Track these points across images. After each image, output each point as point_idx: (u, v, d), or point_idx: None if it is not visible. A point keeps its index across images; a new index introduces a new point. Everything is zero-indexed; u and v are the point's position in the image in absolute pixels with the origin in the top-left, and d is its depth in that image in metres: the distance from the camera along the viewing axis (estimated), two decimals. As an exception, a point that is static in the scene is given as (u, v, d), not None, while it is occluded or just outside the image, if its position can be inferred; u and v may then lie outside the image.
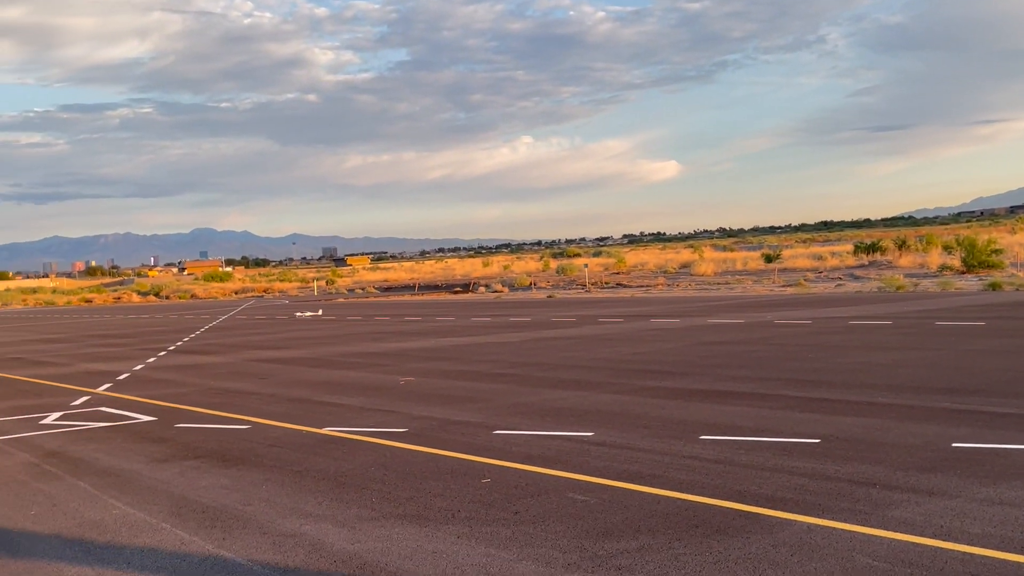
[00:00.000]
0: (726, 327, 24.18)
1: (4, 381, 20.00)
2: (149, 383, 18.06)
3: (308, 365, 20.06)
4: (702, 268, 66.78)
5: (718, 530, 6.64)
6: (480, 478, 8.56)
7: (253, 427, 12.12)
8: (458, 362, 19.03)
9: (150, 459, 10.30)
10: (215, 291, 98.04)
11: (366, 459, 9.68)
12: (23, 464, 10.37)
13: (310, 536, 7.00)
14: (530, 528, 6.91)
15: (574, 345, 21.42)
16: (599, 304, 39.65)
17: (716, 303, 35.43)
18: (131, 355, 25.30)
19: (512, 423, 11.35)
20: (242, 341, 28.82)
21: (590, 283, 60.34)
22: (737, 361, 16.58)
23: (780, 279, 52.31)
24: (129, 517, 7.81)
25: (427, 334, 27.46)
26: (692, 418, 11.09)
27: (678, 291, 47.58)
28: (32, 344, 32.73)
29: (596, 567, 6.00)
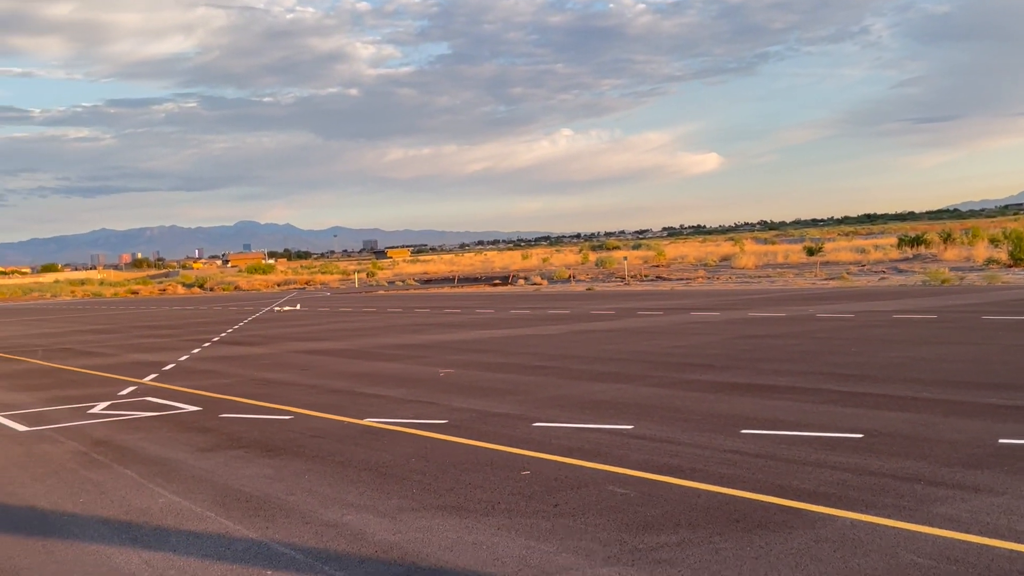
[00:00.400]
0: (767, 320, 23.99)
1: (54, 371, 20.40)
2: (194, 374, 18.32)
3: (349, 356, 20.22)
4: (743, 261, 66.23)
5: (759, 525, 6.60)
6: (520, 470, 8.58)
7: (295, 417, 12.25)
8: (497, 354, 19.07)
9: (195, 448, 10.45)
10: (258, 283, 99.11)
11: (406, 450, 9.74)
12: (72, 452, 10.58)
13: (352, 526, 7.07)
14: (570, 521, 6.92)
15: (613, 338, 21.37)
16: (638, 297, 39.50)
17: (757, 296, 35.14)
18: (176, 346, 25.67)
19: (551, 416, 11.36)
20: (284, 332, 29.11)
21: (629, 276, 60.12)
22: (779, 355, 16.44)
23: (822, 272, 51.74)
24: (175, 505, 7.94)
25: (466, 326, 27.55)
26: (733, 412, 11.02)
27: (718, 284, 47.25)
28: (80, 335, 33.33)
29: (636, 560, 6.00)
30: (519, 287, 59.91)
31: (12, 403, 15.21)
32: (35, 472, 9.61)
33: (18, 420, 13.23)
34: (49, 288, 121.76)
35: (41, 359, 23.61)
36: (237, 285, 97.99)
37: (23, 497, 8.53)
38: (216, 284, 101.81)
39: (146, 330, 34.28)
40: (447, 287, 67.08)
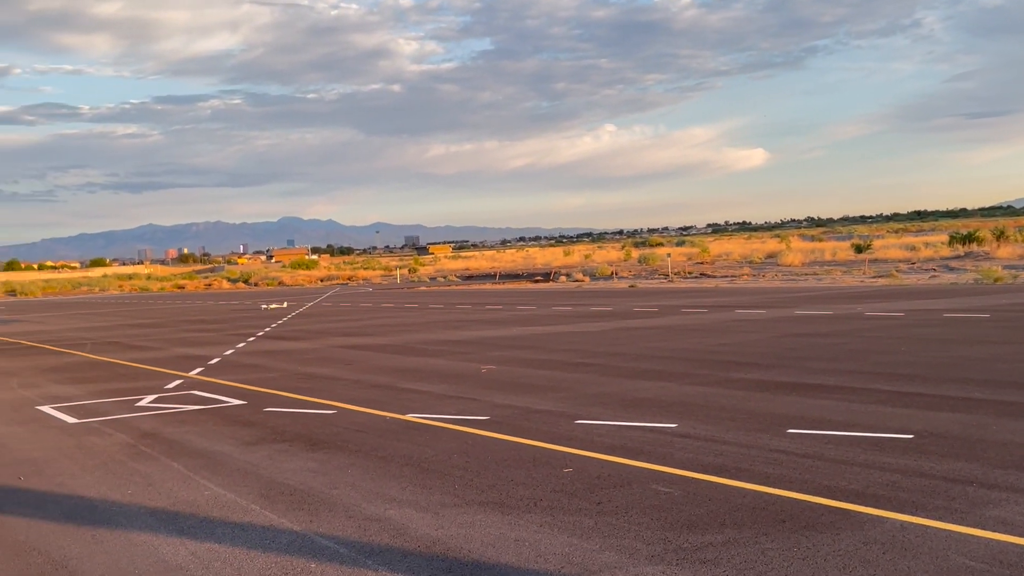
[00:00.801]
0: (814, 319, 23.68)
1: (103, 364, 20.74)
2: (239, 368, 18.51)
3: (391, 352, 20.31)
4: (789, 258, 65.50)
5: (806, 526, 6.50)
6: (562, 467, 8.54)
7: (339, 412, 12.32)
8: (539, 351, 19.04)
9: (240, 442, 10.55)
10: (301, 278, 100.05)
11: (448, 446, 9.75)
12: (120, 444, 10.74)
13: (394, 520, 7.08)
14: (613, 519, 6.87)
15: (656, 335, 21.24)
16: (682, 294, 39.23)
17: (804, 294, 34.72)
18: (222, 340, 25.97)
19: (594, 413, 11.30)
20: (327, 328, 29.33)
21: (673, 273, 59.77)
22: (826, 353, 16.22)
23: (871, 270, 51.02)
24: (220, 498, 8.02)
25: (508, 323, 27.55)
26: (779, 411, 10.88)
27: (764, 281, 46.78)
28: (128, 329, 33.86)
29: (681, 560, 5.93)
30: (561, 284, 59.81)
31: (62, 395, 15.48)
32: (84, 463, 9.76)
33: (68, 412, 13.46)
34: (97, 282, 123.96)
35: (90, 352, 24.02)
36: (281, 280, 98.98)
37: (73, 488, 8.67)
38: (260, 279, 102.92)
39: (192, 324, 34.73)
40: (488, 283, 67.18)
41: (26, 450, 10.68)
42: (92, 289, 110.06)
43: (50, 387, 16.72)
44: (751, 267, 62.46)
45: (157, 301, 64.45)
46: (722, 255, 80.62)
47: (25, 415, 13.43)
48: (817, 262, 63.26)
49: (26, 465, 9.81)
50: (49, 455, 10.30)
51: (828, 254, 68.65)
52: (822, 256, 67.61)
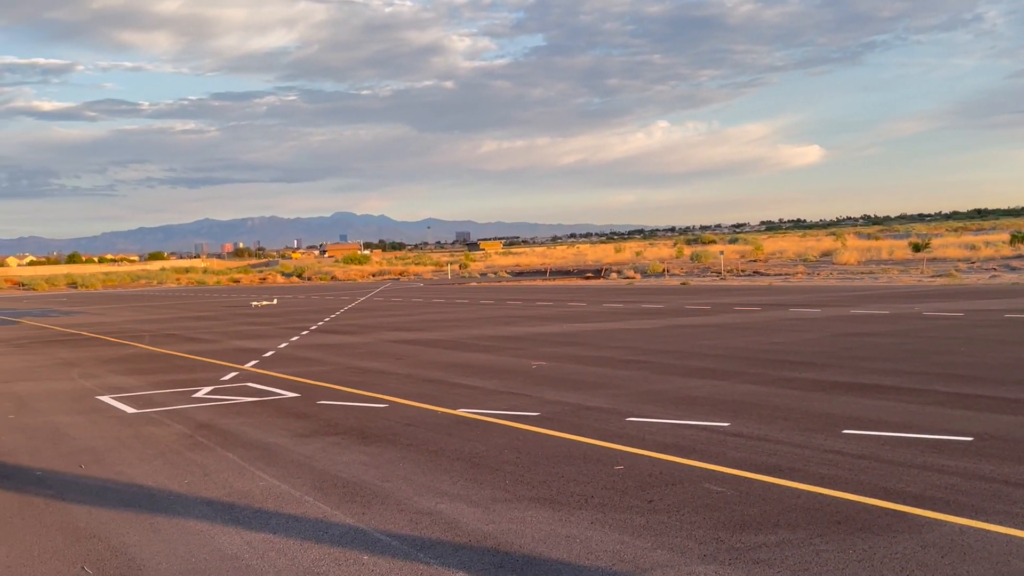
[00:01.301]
0: (870, 318, 23.30)
1: (161, 356, 21.13)
2: (292, 361, 18.74)
3: (442, 347, 20.41)
4: (844, 257, 64.54)
5: (862, 528, 6.40)
6: (613, 465, 8.51)
7: (390, 406, 12.41)
8: (590, 348, 18.99)
9: (294, 434, 10.68)
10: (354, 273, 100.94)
11: (499, 441, 9.77)
12: (178, 435, 10.93)
13: (446, 514, 7.11)
14: (664, 517, 6.83)
15: (709, 333, 21.06)
16: (735, 292, 38.86)
17: (859, 293, 34.19)
18: (276, 334, 26.31)
19: (645, 411, 11.24)
20: (379, 322, 29.56)
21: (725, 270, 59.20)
22: (882, 353, 15.95)
23: (929, 269, 50.04)
24: (275, 489, 8.13)
25: (559, 319, 27.52)
26: (834, 411, 10.73)
27: (819, 280, 46.15)
28: (185, 321, 34.45)
29: (734, 560, 5.88)
30: (611, 280, 59.59)
31: (122, 386, 15.80)
32: (143, 453, 9.96)
33: (127, 403, 13.74)
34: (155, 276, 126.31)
35: (148, 344, 24.49)
36: (334, 275, 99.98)
37: (132, 476, 8.85)
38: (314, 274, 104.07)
39: (247, 318, 35.23)
40: (539, 280, 67.16)
41: (86, 439, 10.92)
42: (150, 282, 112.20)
43: (110, 378, 17.08)
44: (805, 265, 61.63)
45: (213, 294, 65.49)
46: (776, 253, 79.65)
47: (86, 405, 13.74)
48: (873, 261, 62.22)
49: (86, 454, 10.04)
50: (109, 444, 10.52)
51: (885, 253, 67.47)
52: (878, 255, 66.47)
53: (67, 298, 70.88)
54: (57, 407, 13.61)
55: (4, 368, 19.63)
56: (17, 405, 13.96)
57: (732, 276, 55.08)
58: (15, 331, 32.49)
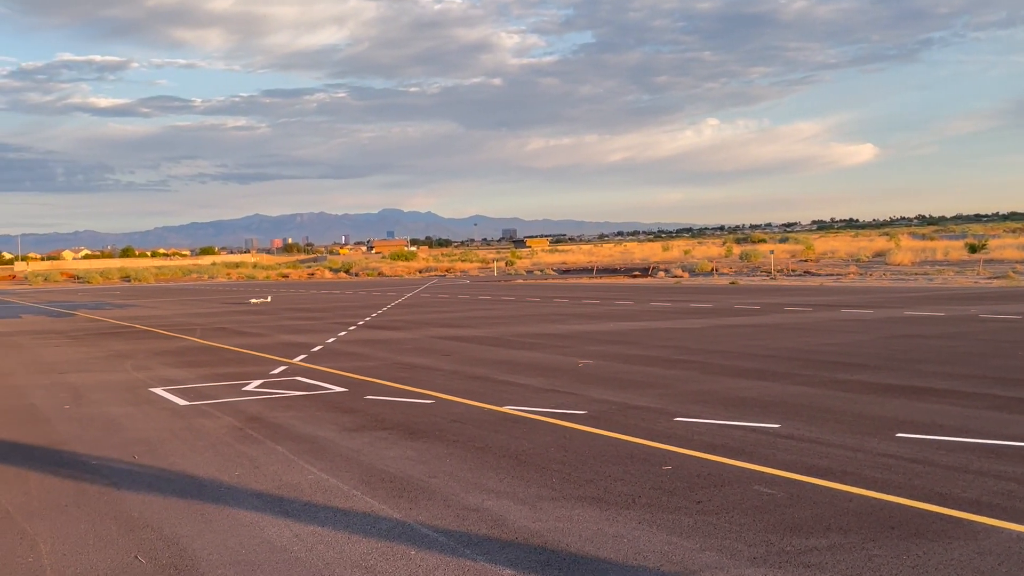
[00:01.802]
0: (925, 320, 22.89)
1: (211, 349, 21.43)
2: (340, 356, 18.89)
3: (488, 344, 20.43)
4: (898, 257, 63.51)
5: (916, 533, 6.28)
6: (661, 465, 8.45)
7: (437, 402, 12.45)
8: (637, 346, 18.88)
9: (341, 428, 10.76)
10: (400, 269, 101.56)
11: (546, 439, 9.75)
12: (228, 427, 11.07)
13: (492, 511, 7.11)
14: (713, 518, 6.76)
15: (758, 333, 20.83)
16: (785, 292, 38.41)
17: (913, 294, 33.60)
18: (324, 328, 26.55)
19: (693, 411, 11.15)
20: (425, 318, 29.69)
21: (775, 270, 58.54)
22: (937, 356, 15.65)
23: (986, 271, 49.02)
24: (323, 482, 8.19)
25: (605, 317, 27.41)
26: (887, 414, 10.54)
27: (871, 281, 45.45)
28: (235, 315, 34.91)
29: (784, 563, 5.80)
30: (659, 279, 59.25)
31: (173, 378, 16.05)
32: (194, 444, 10.10)
33: (179, 395, 13.95)
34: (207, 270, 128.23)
35: (199, 337, 24.85)
36: (381, 271, 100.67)
37: (183, 467, 8.97)
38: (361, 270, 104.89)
39: (296, 312, 35.60)
40: (585, 277, 66.98)
41: (139, 430, 11.10)
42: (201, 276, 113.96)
43: (162, 370, 17.35)
44: (858, 266, 60.74)
45: (262, 289, 66.27)
46: (827, 253, 78.62)
47: (139, 396, 13.97)
48: (928, 262, 61.15)
49: (140, 444, 10.20)
50: (161, 435, 10.69)
51: (940, 253, 66.29)
52: (933, 255, 65.32)
53: (120, 291, 72.23)
54: (111, 398, 13.87)
55: (61, 359, 20.05)
56: (73, 396, 14.25)
57: (782, 276, 54.46)
58: (71, 323, 33.18)
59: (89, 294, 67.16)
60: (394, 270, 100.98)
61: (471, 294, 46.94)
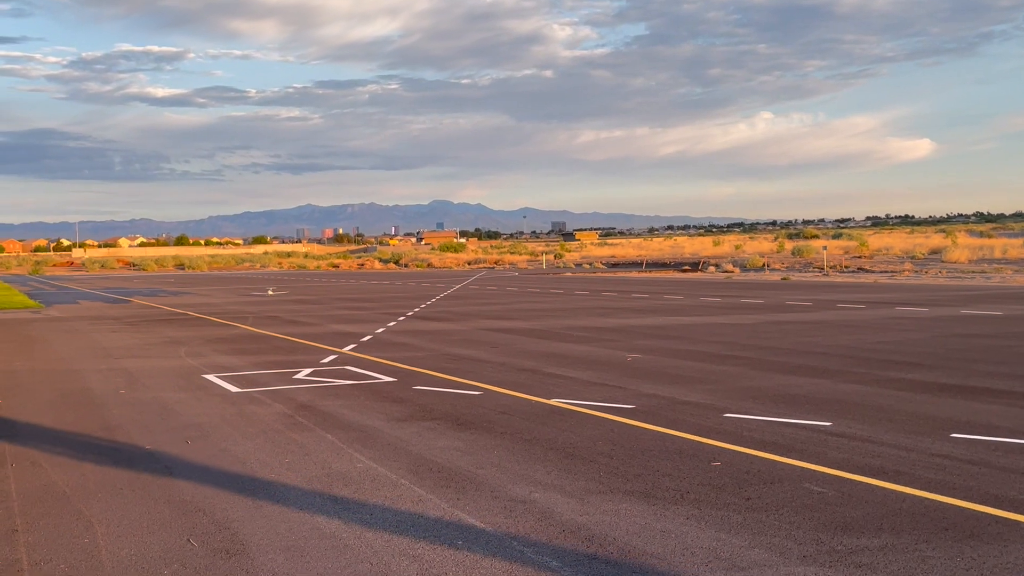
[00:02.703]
0: (982, 319, 22.41)
1: (263, 338, 21.71)
2: (389, 346, 19.02)
3: (536, 337, 20.43)
4: (955, 255, 62.22)
5: (971, 535, 6.16)
6: (710, 461, 8.38)
7: (484, 394, 12.48)
8: (686, 341, 18.75)
9: (390, 418, 10.84)
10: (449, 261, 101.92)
11: (593, 433, 9.72)
12: (279, 415, 11.21)
13: (540, 504, 7.11)
14: (762, 516, 6.69)
15: (810, 330, 20.57)
16: (838, 288, 37.86)
17: (970, 292, 32.92)
18: (373, 319, 26.75)
19: (743, 407, 11.04)
20: (474, 310, 29.77)
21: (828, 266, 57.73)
22: (995, 356, 15.32)
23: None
24: (371, 471, 8.26)
25: (654, 311, 27.26)
26: (942, 414, 10.35)
27: (927, 278, 44.62)
28: (286, 304, 35.32)
29: (834, 562, 5.72)
30: (709, 274, 58.75)
31: (226, 365, 16.29)
32: (246, 431, 10.24)
33: (231, 382, 14.15)
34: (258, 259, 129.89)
35: (251, 325, 25.18)
36: (430, 262, 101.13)
37: (235, 453, 9.11)
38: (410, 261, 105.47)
39: (346, 302, 35.91)
40: (635, 271, 66.66)
41: (192, 415, 11.29)
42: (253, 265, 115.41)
43: (214, 357, 17.62)
44: (913, 263, 59.64)
45: (313, 279, 66.97)
46: (882, 249, 77.32)
47: (192, 383, 14.20)
48: (986, 259, 59.85)
49: (192, 430, 10.38)
50: (213, 421, 10.86)
51: (998, 251, 64.81)
52: (991, 253, 63.91)
53: (175, 279, 73.45)
54: (165, 384, 14.12)
55: (116, 345, 20.46)
56: (128, 381, 14.53)
57: (835, 272, 53.68)
58: (127, 310, 33.83)
59: (144, 281, 68.43)
60: (443, 261, 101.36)
61: (519, 286, 46.97)
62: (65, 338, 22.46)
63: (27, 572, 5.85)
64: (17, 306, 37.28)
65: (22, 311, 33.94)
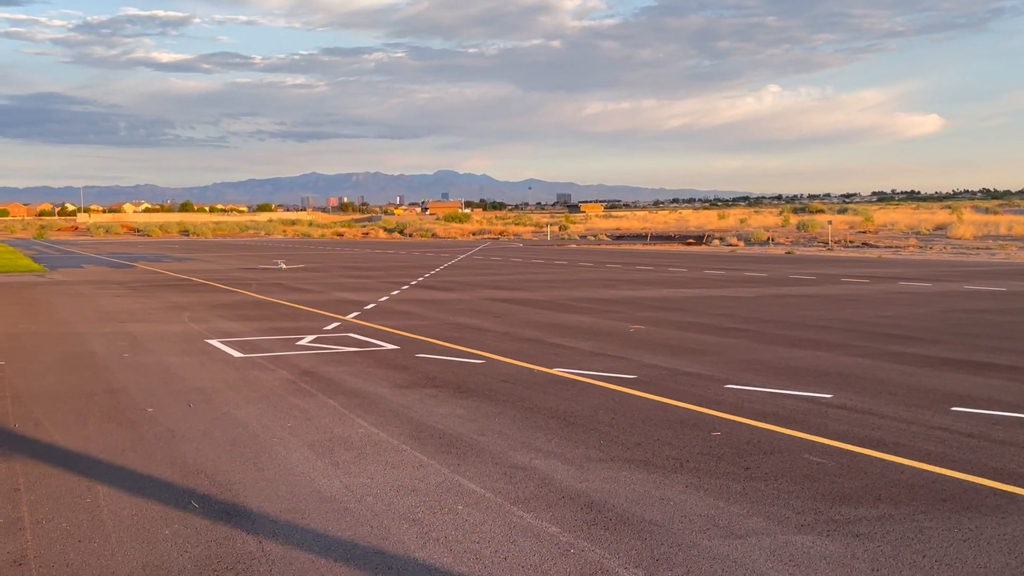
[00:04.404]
0: (985, 295, 22.38)
1: (267, 304, 21.75)
2: (393, 314, 19.05)
3: (540, 307, 20.44)
4: (960, 231, 62.04)
5: (969, 507, 6.18)
6: (710, 431, 8.41)
7: (487, 362, 12.50)
8: (689, 313, 18.75)
9: (392, 384, 10.87)
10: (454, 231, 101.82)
11: (594, 402, 9.75)
12: (282, 380, 11.25)
13: (540, 471, 7.15)
14: (761, 485, 6.72)
15: (813, 303, 20.56)
16: (842, 263, 37.80)
17: (975, 269, 32.84)
18: (377, 287, 26.77)
19: (745, 379, 11.06)
20: (478, 280, 29.78)
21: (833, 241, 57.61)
22: (997, 331, 15.31)
23: (1050, 247, 47.71)
24: (373, 436, 8.29)
25: (658, 284, 27.25)
26: (943, 388, 10.36)
27: (931, 254, 44.51)
28: (291, 272, 35.33)
29: (832, 531, 5.75)
30: (713, 247, 58.65)
31: (229, 331, 16.32)
32: (248, 395, 10.28)
33: (234, 347, 14.19)
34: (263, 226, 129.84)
35: (255, 292, 25.21)
36: (434, 232, 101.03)
37: (237, 417, 9.15)
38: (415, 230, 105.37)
39: (350, 271, 35.91)
40: (639, 244, 66.57)
41: (195, 380, 11.33)
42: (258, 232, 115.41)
43: (218, 323, 17.65)
44: (918, 238, 59.50)
45: (317, 247, 66.97)
46: (887, 225, 77.09)
47: (195, 347, 14.24)
48: (991, 236, 59.68)
49: (195, 394, 10.42)
50: (216, 386, 10.89)
51: (1004, 228, 64.59)
52: (996, 230, 63.69)
53: (179, 245, 73.49)
54: (168, 348, 14.15)
55: (120, 309, 20.50)
56: (131, 344, 14.57)
57: (840, 247, 53.57)
58: (131, 274, 33.88)
59: (148, 247, 68.46)
60: (447, 232, 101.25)
61: (524, 258, 46.94)
62: (69, 302, 22.51)
63: (29, 530, 5.90)
64: (21, 270, 37.35)
65: (26, 275, 34.00)
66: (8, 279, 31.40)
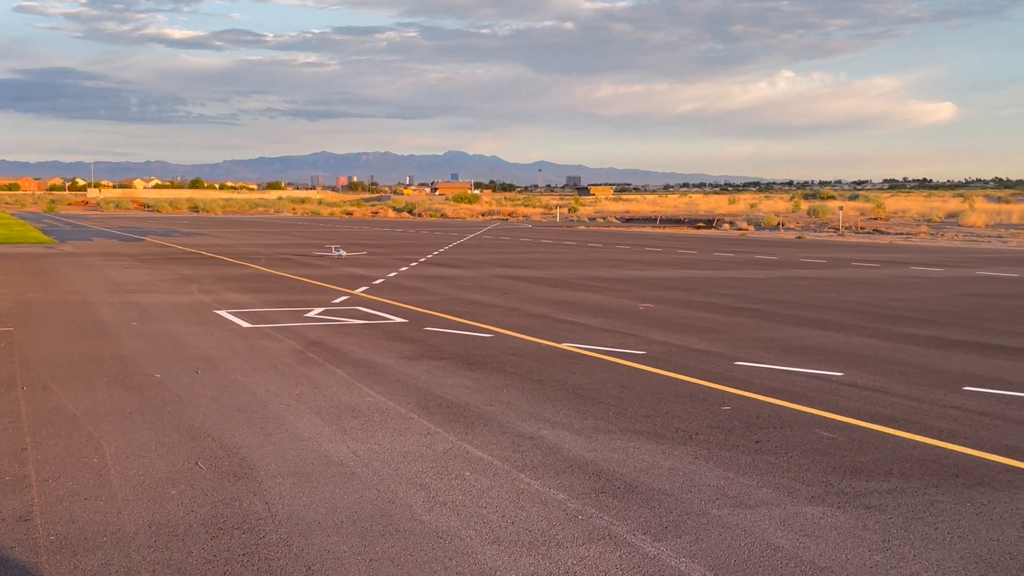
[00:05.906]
0: (997, 280, 22.24)
1: (275, 277, 21.73)
2: (401, 289, 19.01)
3: (548, 285, 20.38)
4: (972, 219, 61.70)
5: (981, 482, 6.13)
6: (720, 405, 8.36)
7: (495, 336, 12.46)
8: (698, 293, 18.67)
9: (400, 356, 10.83)
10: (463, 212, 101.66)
11: (603, 376, 9.70)
12: (290, 350, 11.22)
13: (548, 440, 7.11)
14: (771, 458, 6.67)
15: (823, 286, 20.45)
16: (853, 248, 37.63)
17: (986, 256, 32.66)
18: (386, 264, 26.73)
19: (755, 356, 10.99)
20: (486, 258, 29.72)
21: (844, 227, 57.35)
22: (1010, 316, 15.20)
23: (1063, 236, 47.39)
24: (381, 405, 8.26)
25: (667, 264, 27.15)
26: (954, 368, 10.28)
27: (942, 241, 44.27)
28: (300, 248, 35.32)
29: (843, 503, 5.70)
30: (723, 231, 58.45)
31: (238, 302, 16.30)
32: (256, 364, 10.26)
33: (242, 318, 14.17)
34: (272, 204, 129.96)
35: (264, 266, 25.20)
36: (443, 213, 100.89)
37: (245, 384, 9.13)
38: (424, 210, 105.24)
39: (359, 247, 35.86)
40: (649, 227, 66.36)
41: (203, 348, 11.31)
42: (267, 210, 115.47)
43: (226, 294, 17.64)
44: (929, 226, 59.18)
45: (327, 225, 66.93)
46: (898, 212, 76.72)
47: (203, 318, 14.23)
48: (1003, 224, 59.38)
49: (203, 361, 10.40)
50: (224, 354, 10.87)
51: (1016, 216, 64.27)
52: (1009, 219, 63.38)
53: (189, 221, 73.56)
54: (177, 318, 14.14)
55: (129, 280, 20.51)
56: (140, 314, 14.57)
57: (851, 233, 53.34)
58: (140, 248, 33.90)
59: (158, 222, 68.53)
60: (457, 212, 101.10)
61: (533, 238, 46.84)
62: (78, 272, 22.53)
63: (35, 488, 5.89)
64: (32, 241, 37.44)
65: (37, 246, 34.07)
66: (18, 250, 31.46)
